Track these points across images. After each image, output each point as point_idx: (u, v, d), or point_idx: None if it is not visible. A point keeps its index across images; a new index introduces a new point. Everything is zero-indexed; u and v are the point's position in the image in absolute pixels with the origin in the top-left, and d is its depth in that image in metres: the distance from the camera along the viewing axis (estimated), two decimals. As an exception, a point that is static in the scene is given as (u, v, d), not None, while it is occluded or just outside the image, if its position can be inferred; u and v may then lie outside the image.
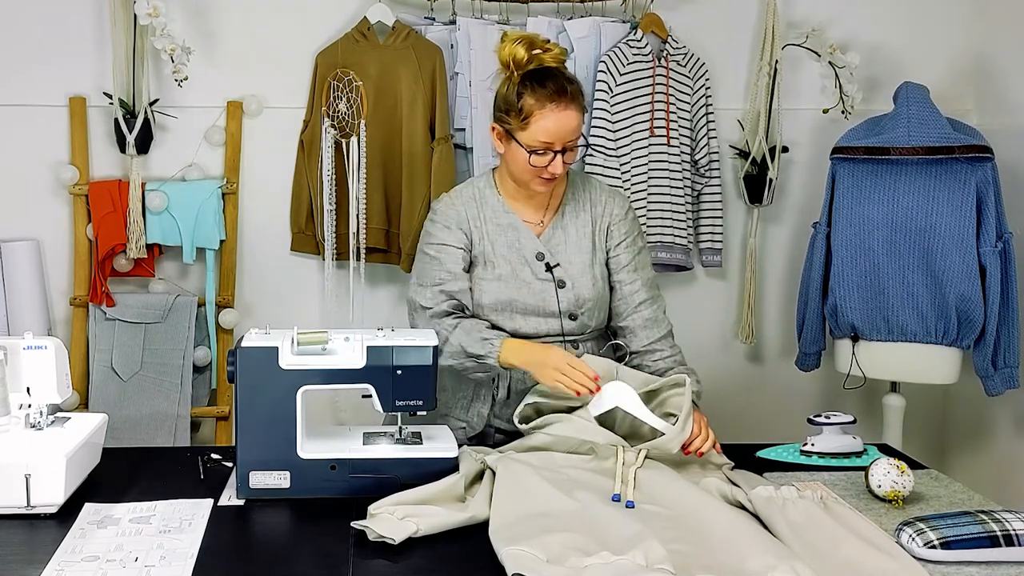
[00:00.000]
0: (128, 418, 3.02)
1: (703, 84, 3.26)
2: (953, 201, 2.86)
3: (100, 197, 3.05)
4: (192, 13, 3.11)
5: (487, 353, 2.09)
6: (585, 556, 1.51)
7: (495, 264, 2.19)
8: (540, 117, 2.07)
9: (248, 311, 3.24)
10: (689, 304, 3.38)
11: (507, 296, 2.18)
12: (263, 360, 1.85)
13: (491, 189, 2.24)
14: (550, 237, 2.22)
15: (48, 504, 1.76)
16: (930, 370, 3.01)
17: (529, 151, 2.09)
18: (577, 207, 2.25)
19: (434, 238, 2.21)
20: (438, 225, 2.22)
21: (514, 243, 2.20)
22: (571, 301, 2.19)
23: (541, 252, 2.20)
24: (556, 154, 2.09)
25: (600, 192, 2.28)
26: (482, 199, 2.23)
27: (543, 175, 2.12)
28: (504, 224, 2.21)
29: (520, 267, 2.19)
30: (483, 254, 2.20)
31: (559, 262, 2.20)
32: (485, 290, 2.19)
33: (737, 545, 1.57)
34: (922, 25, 3.38)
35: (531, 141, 2.09)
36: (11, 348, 1.90)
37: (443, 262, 2.19)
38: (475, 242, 2.21)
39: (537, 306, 2.19)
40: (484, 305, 2.19)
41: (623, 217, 2.26)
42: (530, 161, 2.10)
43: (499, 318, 2.19)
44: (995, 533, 1.62)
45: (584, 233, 2.23)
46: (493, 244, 2.20)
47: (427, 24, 3.17)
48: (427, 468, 1.86)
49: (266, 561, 1.64)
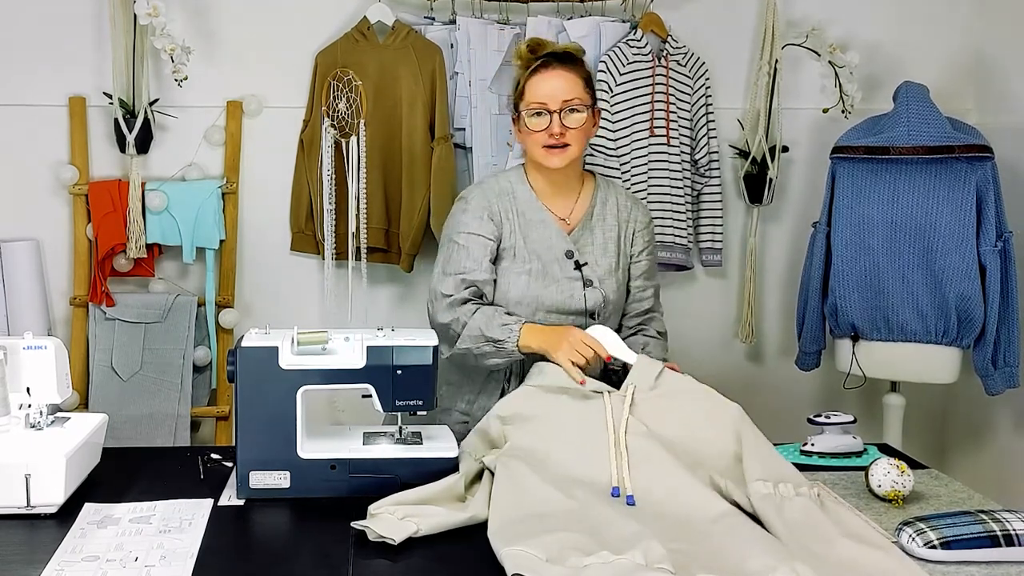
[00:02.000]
0: (128, 418, 3.02)
1: (703, 84, 3.26)
2: (953, 200, 2.86)
3: (100, 197, 3.05)
4: (192, 13, 3.11)
5: (507, 338, 2.11)
6: (584, 555, 1.50)
7: (525, 259, 2.22)
8: (532, 83, 2.18)
9: (248, 311, 3.24)
10: (689, 304, 3.39)
11: (534, 292, 2.21)
12: (263, 360, 1.85)
13: (522, 184, 2.28)
14: (579, 237, 2.26)
15: (48, 504, 1.75)
16: (930, 370, 3.01)
17: (529, 116, 2.17)
18: (604, 211, 2.30)
19: (465, 227, 2.23)
20: (470, 214, 2.24)
21: (545, 239, 2.24)
22: (596, 301, 2.24)
23: (571, 250, 2.24)
24: (552, 114, 2.15)
25: (626, 199, 2.35)
26: (514, 193, 2.27)
27: (548, 142, 2.16)
28: (536, 220, 2.25)
29: (550, 263, 2.23)
30: (513, 247, 2.23)
31: (587, 261, 2.25)
32: (513, 283, 2.22)
33: (737, 545, 1.57)
34: (922, 24, 3.38)
35: (527, 107, 2.18)
36: (11, 348, 1.90)
37: (471, 251, 2.21)
38: (506, 235, 2.23)
39: (563, 303, 2.22)
40: (510, 298, 2.22)
41: (646, 225, 2.35)
42: (529, 124, 2.17)
43: (524, 313, 2.21)
44: (995, 533, 1.62)
45: (610, 237, 2.29)
46: (525, 238, 2.23)
47: (427, 24, 3.17)
48: (427, 468, 1.86)
49: (266, 561, 1.63)
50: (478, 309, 2.17)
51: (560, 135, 2.16)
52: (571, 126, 2.16)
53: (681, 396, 1.96)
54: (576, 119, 2.17)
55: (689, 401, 1.94)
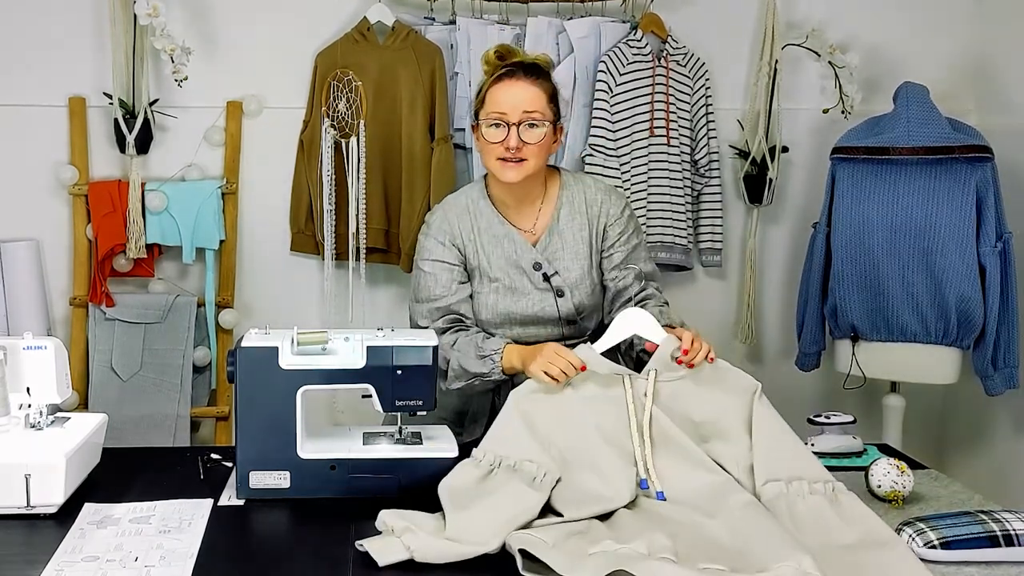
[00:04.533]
0: (128, 418, 3.02)
1: (703, 84, 3.26)
2: (953, 201, 2.86)
3: (100, 197, 3.05)
4: (192, 13, 3.11)
5: (490, 371, 2.08)
6: (590, 544, 1.54)
7: (492, 277, 2.18)
8: (493, 91, 2.09)
9: (248, 311, 3.24)
10: (689, 304, 3.38)
11: (505, 307, 2.17)
12: (263, 360, 1.85)
13: (484, 199, 2.21)
14: (547, 245, 2.19)
15: (48, 504, 1.75)
16: (930, 370, 3.01)
17: (487, 126, 2.09)
18: (572, 210, 2.20)
19: (429, 253, 2.19)
20: (432, 240, 2.20)
21: (510, 254, 2.17)
22: (570, 309, 2.18)
23: (538, 262, 2.17)
24: (511, 127, 2.06)
25: (596, 192, 2.23)
26: (476, 210, 2.20)
27: (505, 156, 2.07)
28: (499, 235, 2.18)
29: (518, 278, 2.17)
30: (479, 268, 2.18)
31: (557, 270, 2.18)
32: (483, 304, 2.18)
33: (746, 537, 1.58)
34: (922, 25, 3.38)
35: (486, 116, 2.09)
36: (11, 348, 1.90)
37: (438, 278, 2.17)
38: (470, 256, 2.18)
39: (536, 315, 2.18)
40: (483, 319, 2.19)
41: (619, 216, 2.21)
42: (486, 135, 2.08)
43: (499, 331, 2.18)
44: (995, 533, 1.62)
45: (581, 238, 2.19)
46: (489, 257, 2.18)
47: (427, 24, 3.17)
48: (427, 468, 1.85)
49: (266, 561, 1.63)
50: (456, 342, 2.12)
51: (517, 149, 2.06)
52: (529, 141, 2.06)
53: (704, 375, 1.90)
54: (534, 134, 2.07)
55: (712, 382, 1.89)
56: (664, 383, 1.89)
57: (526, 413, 1.87)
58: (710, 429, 1.84)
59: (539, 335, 2.18)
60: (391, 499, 1.78)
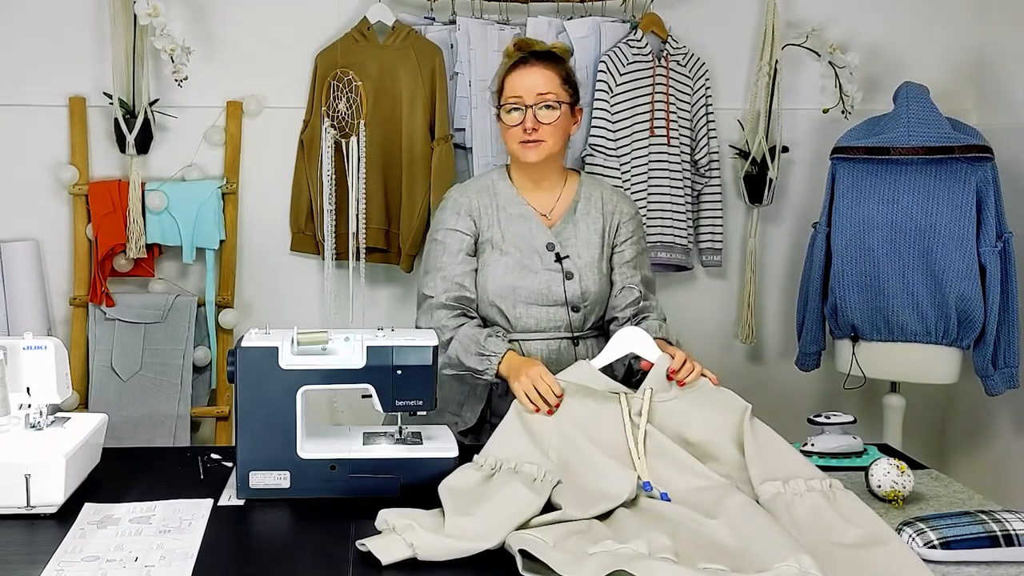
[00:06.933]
0: (128, 418, 3.02)
1: (703, 84, 3.26)
2: (953, 201, 2.86)
3: (100, 197, 3.05)
4: (192, 13, 3.11)
5: (484, 370, 2.11)
6: (590, 544, 1.54)
7: (504, 251, 2.24)
8: (510, 79, 2.23)
9: (248, 311, 3.24)
10: (689, 304, 3.39)
11: (511, 282, 2.22)
12: (263, 360, 1.85)
13: (504, 180, 2.31)
14: (561, 230, 2.27)
15: (48, 504, 1.75)
16: (930, 370, 3.01)
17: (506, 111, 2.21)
18: (588, 205, 2.31)
19: (444, 223, 2.28)
20: (448, 211, 2.28)
21: (525, 232, 2.25)
22: (576, 293, 2.23)
23: (552, 242, 2.25)
24: (527, 108, 2.18)
25: (611, 193, 2.37)
26: (495, 189, 2.30)
27: (523, 137, 2.19)
28: (516, 214, 2.27)
29: (529, 256, 2.24)
30: (492, 240, 2.25)
31: (568, 254, 2.25)
32: (490, 275, 2.23)
33: (746, 537, 1.58)
34: (922, 25, 3.38)
35: (505, 102, 2.22)
36: (11, 348, 1.90)
37: (448, 246, 2.24)
38: (484, 228, 2.26)
39: (541, 293, 2.22)
40: (489, 291, 2.22)
41: (632, 216, 2.34)
42: (505, 119, 2.21)
43: (503, 305, 2.22)
44: (995, 533, 1.62)
45: (595, 230, 2.29)
46: (504, 232, 2.25)
47: (427, 24, 3.17)
48: (427, 468, 1.86)
49: (266, 561, 1.64)
50: (457, 332, 2.15)
51: (533, 130, 2.18)
52: (544, 121, 2.18)
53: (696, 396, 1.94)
54: (549, 115, 2.19)
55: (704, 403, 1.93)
56: (659, 403, 1.92)
57: (528, 422, 1.90)
58: (704, 449, 1.86)
59: (541, 317, 2.23)
60: (391, 499, 1.78)
